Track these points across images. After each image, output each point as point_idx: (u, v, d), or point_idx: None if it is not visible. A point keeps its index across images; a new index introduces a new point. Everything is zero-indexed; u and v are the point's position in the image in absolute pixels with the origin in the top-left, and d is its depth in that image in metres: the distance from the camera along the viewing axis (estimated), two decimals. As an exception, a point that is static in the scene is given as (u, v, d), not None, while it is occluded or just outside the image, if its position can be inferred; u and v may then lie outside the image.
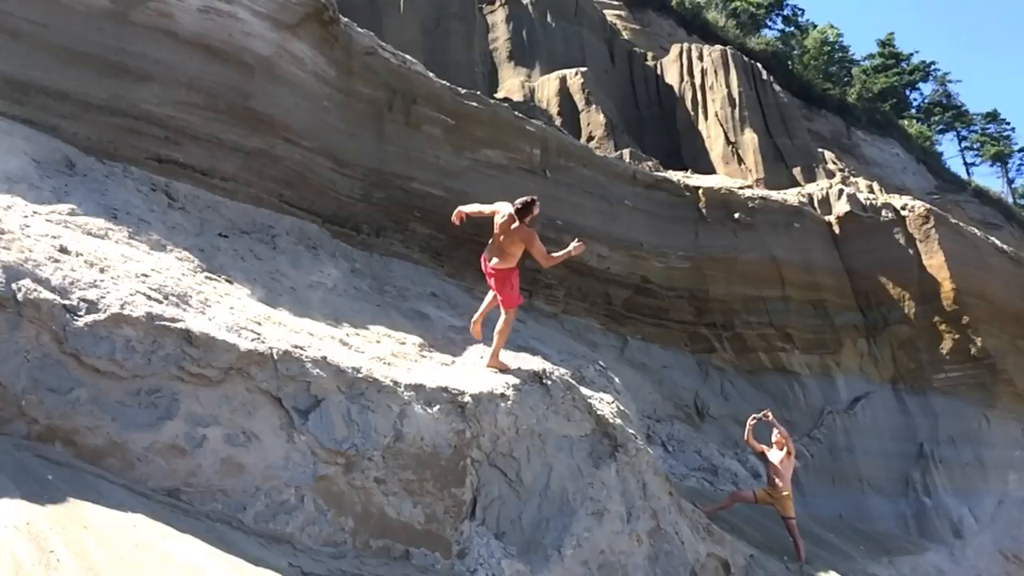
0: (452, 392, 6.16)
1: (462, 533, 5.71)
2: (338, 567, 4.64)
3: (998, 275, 14.95)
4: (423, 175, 10.39)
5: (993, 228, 31.62)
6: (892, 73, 46.81)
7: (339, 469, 5.17)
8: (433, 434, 5.81)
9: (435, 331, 8.01)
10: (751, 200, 14.11)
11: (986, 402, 13.86)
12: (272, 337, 5.46)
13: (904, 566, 11.09)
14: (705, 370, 13.46)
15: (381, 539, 5.23)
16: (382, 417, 5.57)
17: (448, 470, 5.80)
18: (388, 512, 5.34)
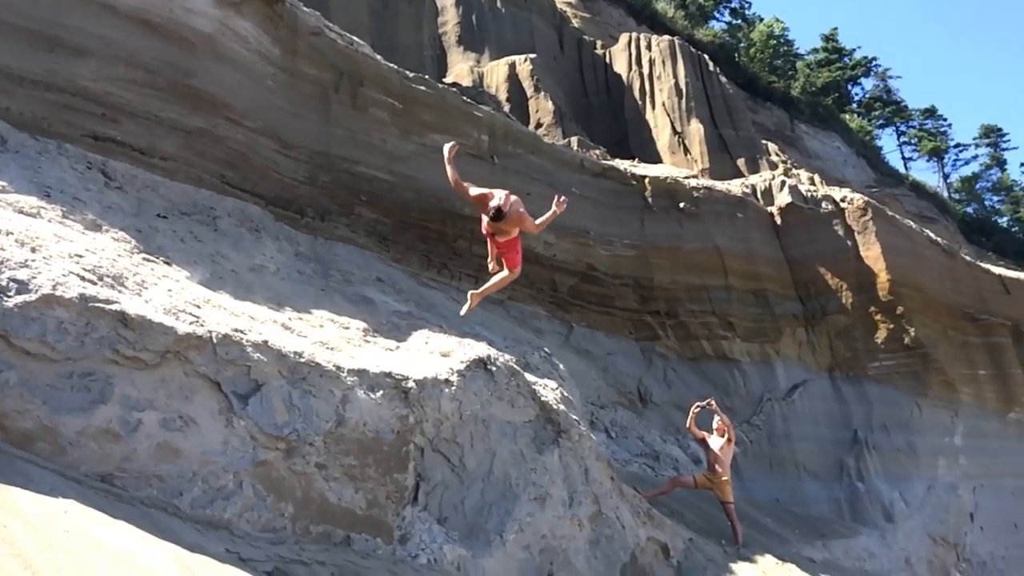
0: (396, 377, 6.13)
1: (404, 518, 5.70)
2: (277, 553, 4.59)
3: (932, 267, 15.37)
4: (369, 159, 10.29)
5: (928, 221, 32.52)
6: (835, 68, 47.73)
7: (279, 454, 5.11)
8: (376, 419, 5.78)
9: (380, 316, 7.95)
10: (696, 190, 14.27)
11: (918, 390, 14.26)
12: (212, 320, 5.36)
13: (837, 549, 11.39)
14: (649, 357, 13.60)
15: (321, 525, 5.19)
16: (324, 402, 5.51)
17: (391, 455, 5.78)
18: (329, 498, 5.30)
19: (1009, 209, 50.97)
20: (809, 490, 13.33)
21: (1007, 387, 15.76)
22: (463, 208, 11.14)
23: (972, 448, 14.71)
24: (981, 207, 51.24)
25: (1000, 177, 53.35)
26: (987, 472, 14.83)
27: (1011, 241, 44.59)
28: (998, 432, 15.48)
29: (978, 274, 16.79)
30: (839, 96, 45.94)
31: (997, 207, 52.01)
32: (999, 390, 15.64)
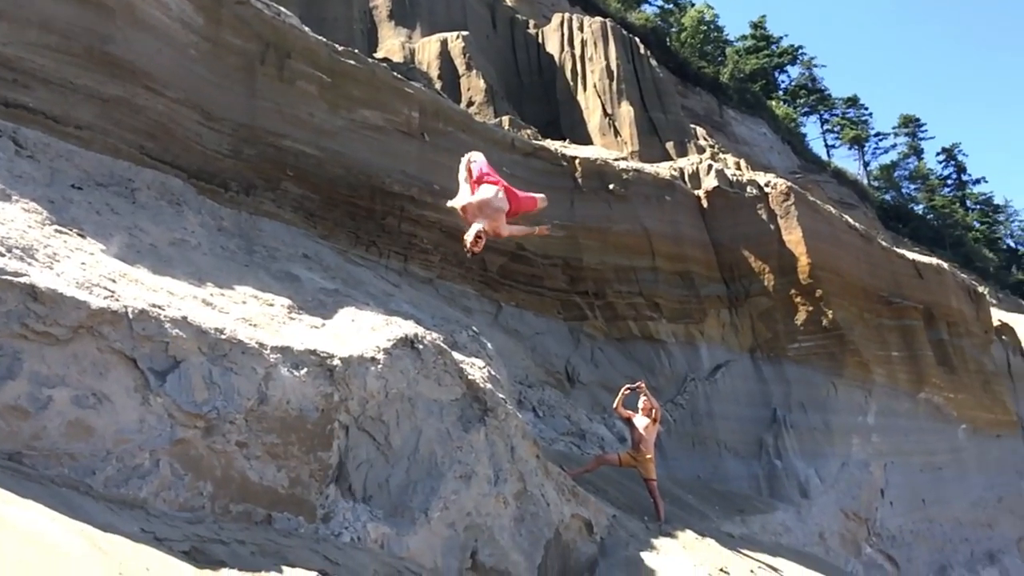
0: (321, 355, 6.05)
1: (327, 497, 5.65)
2: (195, 532, 4.50)
3: (849, 251, 15.85)
4: (296, 133, 10.09)
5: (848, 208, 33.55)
6: (763, 55, 48.69)
7: (198, 432, 5.01)
8: (300, 397, 5.70)
9: (305, 293, 7.82)
10: (625, 172, 14.41)
11: (834, 371, 14.72)
12: (128, 295, 5.20)
13: (755, 524, 11.73)
14: (577, 337, 13.73)
15: (242, 504, 5.10)
16: (246, 379, 5.41)
17: (314, 434, 5.71)
18: (250, 476, 5.21)
19: (925, 197, 52.96)
20: (729, 467, 13.67)
21: (918, 368, 16.40)
22: (392, 185, 11.05)
23: (884, 427, 15.27)
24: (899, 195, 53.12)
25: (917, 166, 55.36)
26: (898, 450, 15.42)
27: (926, 228, 46.37)
28: (909, 411, 16.10)
29: (893, 259, 17.38)
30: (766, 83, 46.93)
31: (914, 195, 53.99)
32: (910, 371, 16.26)
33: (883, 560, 14.24)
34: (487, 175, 6.46)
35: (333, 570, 4.90)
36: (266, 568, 4.50)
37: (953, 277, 19.43)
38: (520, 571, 6.83)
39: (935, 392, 16.66)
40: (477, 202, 6.18)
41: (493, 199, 6.20)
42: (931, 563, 15.21)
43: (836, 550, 13.32)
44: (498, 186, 6.37)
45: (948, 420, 16.94)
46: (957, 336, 18.08)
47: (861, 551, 13.96)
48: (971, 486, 16.98)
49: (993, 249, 52.59)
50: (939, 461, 16.43)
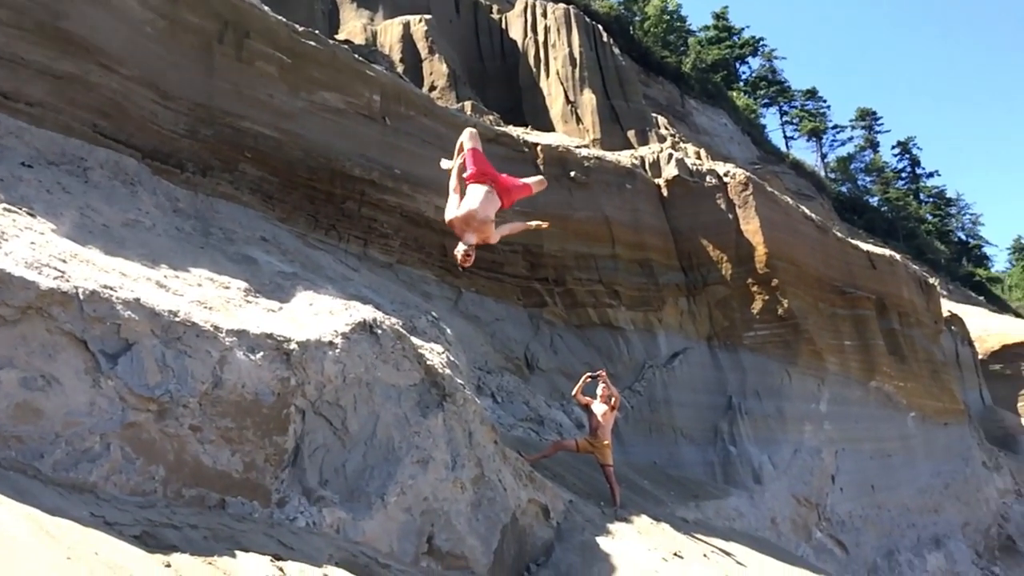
0: (277, 339, 6.00)
1: (283, 482, 5.61)
2: (146, 516, 4.44)
3: (805, 241, 16.09)
4: (255, 114, 9.95)
5: (806, 199, 34.03)
6: (724, 46, 49.02)
7: (150, 416, 4.94)
8: (255, 381, 5.64)
9: (263, 276, 7.74)
10: (587, 159, 14.45)
11: (789, 359, 14.95)
12: (78, 276, 5.10)
13: (709, 509, 11.89)
14: (536, 324, 13.77)
15: (195, 488, 5.05)
16: (200, 363, 5.35)
17: (270, 418, 5.66)
18: (203, 460, 5.16)
19: (880, 189, 53.84)
20: (685, 453, 13.84)
21: (870, 357, 16.72)
22: (352, 169, 10.95)
23: (836, 414, 15.57)
24: (855, 187, 53.94)
25: (873, 158, 56.25)
26: (849, 437, 15.73)
27: (880, 220, 47.18)
28: (860, 399, 16.43)
29: (847, 250, 17.68)
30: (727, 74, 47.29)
31: (869, 187, 54.84)
32: (862, 360, 16.58)
33: (832, 544, 14.54)
34: (475, 172, 6.11)
35: (287, 555, 4.87)
36: (219, 553, 4.46)
37: (905, 268, 19.84)
38: (476, 555, 6.86)
39: (886, 381, 17.01)
40: (463, 216, 5.93)
41: (479, 211, 5.92)
42: (879, 547, 15.57)
43: (787, 535, 13.56)
44: (487, 184, 6.07)
45: (898, 408, 17.32)
46: (908, 326, 18.48)
47: (811, 535, 14.23)
48: (919, 473, 17.39)
49: (944, 241, 53.70)
50: (888, 448, 16.80)
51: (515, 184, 6.41)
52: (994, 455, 21.54)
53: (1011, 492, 20.96)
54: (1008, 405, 26.70)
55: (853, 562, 14.63)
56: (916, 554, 16.20)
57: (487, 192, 6.01)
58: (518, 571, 7.52)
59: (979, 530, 18.60)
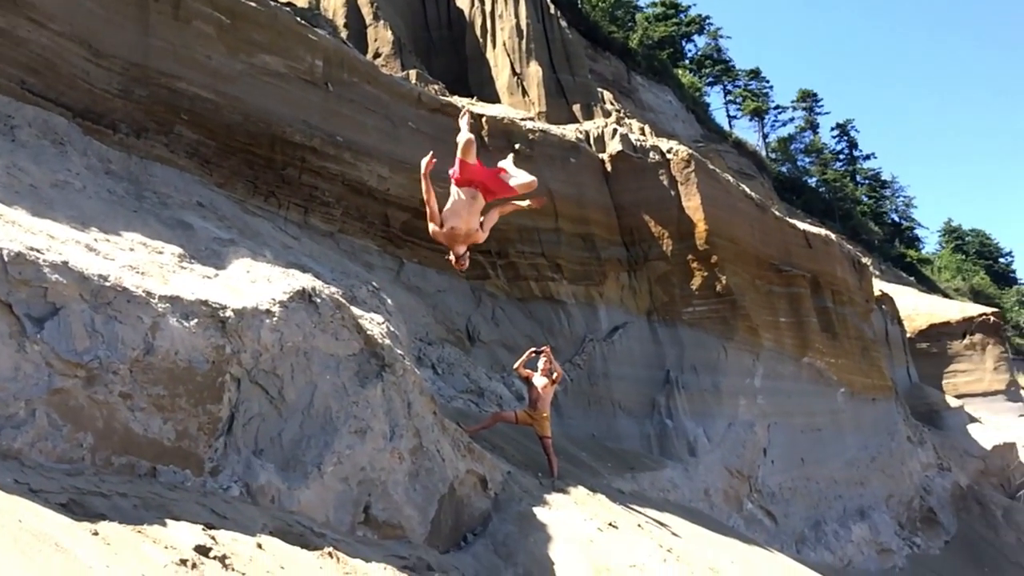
0: (212, 306, 5.89)
1: (216, 450, 5.54)
2: (73, 484, 4.34)
3: (745, 219, 16.34)
4: (192, 75, 9.67)
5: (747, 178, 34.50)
6: (671, 23, 49.19)
7: (79, 382, 4.81)
8: (189, 348, 5.54)
9: (198, 242, 7.57)
10: (532, 132, 14.41)
11: (726, 335, 15.22)
12: (3, 237, 4.92)
13: (644, 481, 12.10)
14: (478, 296, 13.77)
15: (125, 456, 4.95)
16: (131, 329, 5.22)
17: (204, 386, 5.57)
18: (134, 428, 5.05)
19: (818, 170, 54.90)
20: (623, 426, 14.04)
21: (803, 334, 17.13)
22: (293, 135, 10.75)
23: (769, 389, 15.93)
24: (794, 167, 54.90)
25: (812, 140, 57.28)
26: (781, 411, 16.13)
27: (818, 200, 48.19)
28: (793, 375, 16.84)
29: (784, 228, 18.02)
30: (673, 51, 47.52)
31: (808, 168, 55.87)
32: (796, 336, 16.97)
33: (763, 515, 14.94)
34: (459, 178, 6.25)
35: (220, 524, 4.81)
36: (149, 521, 4.39)
37: (840, 248, 20.31)
38: (413, 525, 6.88)
39: (818, 357, 17.45)
40: (447, 233, 6.11)
41: (462, 226, 6.08)
42: (807, 518, 16.05)
43: (720, 506, 13.89)
44: (471, 189, 6.18)
45: (829, 384, 17.80)
46: (840, 304, 18.96)
47: (743, 507, 14.60)
48: (847, 446, 17.94)
49: (879, 223, 55.11)
50: (819, 422, 17.28)
51: (501, 187, 6.43)
52: (919, 430, 22.32)
53: (933, 466, 21.77)
54: (933, 382, 27.68)
55: (782, 532, 15.06)
56: (842, 525, 16.75)
57: (469, 201, 6.17)
58: (455, 541, 7.57)
59: (902, 502, 19.30)
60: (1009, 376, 29.13)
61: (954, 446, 23.73)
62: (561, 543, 7.91)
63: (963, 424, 25.34)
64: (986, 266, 59.12)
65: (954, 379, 28.63)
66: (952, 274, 53.41)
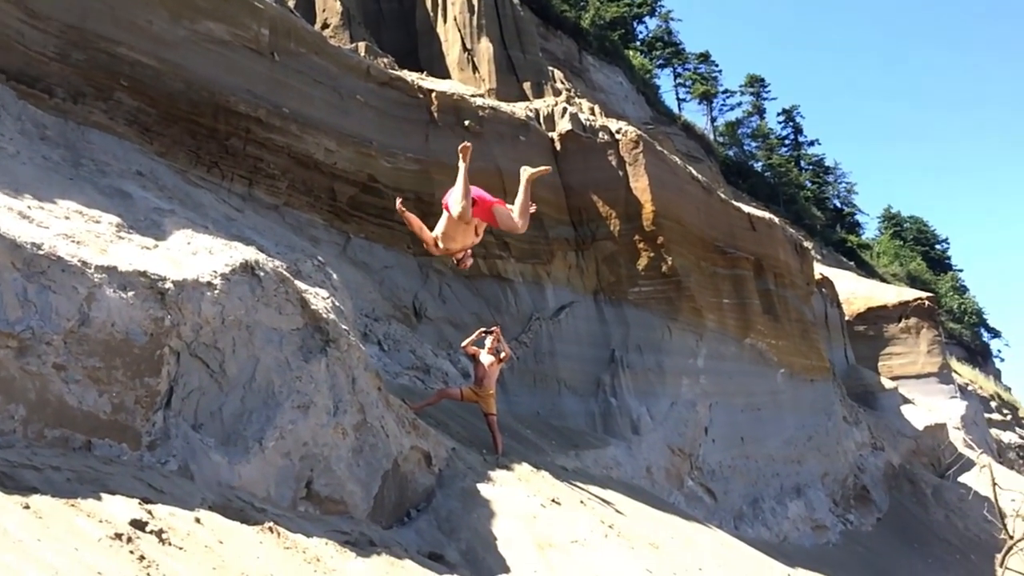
0: (151, 277, 5.75)
1: (155, 424, 5.43)
2: (3, 457, 4.22)
3: (691, 201, 16.52)
4: (132, 40, 9.39)
5: (695, 161, 34.84)
6: (623, 4, 49.22)
7: (10, 352, 4.66)
8: (126, 320, 5.41)
9: (137, 212, 7.37)
10: (482, 109, 14.34)
11: (670, 315, 15.41)
12: (-71, 202, 4.73)
13: (588, 458, 12.23)
14: (425, 273, 13.70)
15: (58, 429, 4.82)
16: (66, 299, 5.08)
17: (142, 359, 5.45)
18: (68, 401, 4.92)
19: (764, 155, 55.70)
20: (568, 404, 14.15)
21: (746, 315, 17.43)
22: (237, 105, 10.53)
23: (712, 369, 16.20)
24: (741, 151, 55.62)
25: (759, 125, 58.04)
26: (722, 391, 16.42)
27: (763, 185, 48.92)
28: (735, 355, 17.14)
29: (730, 211, 18.27)
30: (625, 32, 47.62)
31: (755, 152, 56.65)
32: (739, 318, 17.26)
33: (703, 492, 15.24)
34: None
35: (158, 498, 4.73)
36: (83, 495, 4.29)
37: (783, 231, 20.67)
38: (356, 501, 6.85)
39: (759, 338, 17.78)
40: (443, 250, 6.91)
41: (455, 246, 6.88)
42: (745, 495, 16.41)
43: (661, 483, 14.11)
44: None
45: (769, 364, 18.16)
46: (782, 287, 19.32)
47: (684, 484, 14.86)
48: (785, 426, 18.35)
49: (821, 208, 56.21)
50: (758, 402, 17.64)
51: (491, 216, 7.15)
52: (854, 411, 22.93)
53: (867, 445, 22.40)
54: (870, 364, 28.43)
55: (721, 509, 15.38)
56: (779, 502, 17.16)
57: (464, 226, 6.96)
58: (398, 516, 7.57)
59: (837, 480, 19.83)
60: (942, 359, 30.04)
61: (888, 426, 24.44)
62: (504, 519, 7.96)
63: (897, 405, 26.10)
64: (923, 252, 60.77)
65: (889, 361, 29.42)
66: (890, 260, 54.81)
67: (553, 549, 7.73)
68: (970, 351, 49.72)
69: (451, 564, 6.91)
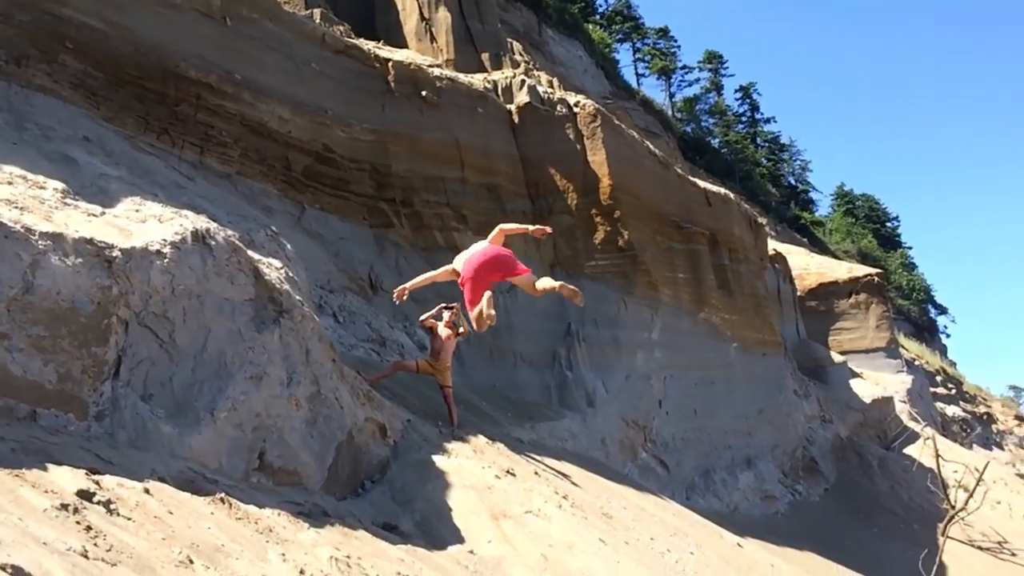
0: (98, 245, 5.63)
1: (102, 394, 5.33)
2: (-58, 427, 4.12)
3: (648, 176, 16.57)
4: (78, 2, 9.10)
5: (653, 136, 34.98)
6: (583, -24, 48.92)
7: (-51, 321, 4.54)
8: (72, 288, 5.29)
9: (84, 178, 7.19)
10: (439, 79, 14.19)
11: (626, 289, 15.49)
12: None
13: (543, 430, 12.31)
14: (382, 244, 13.59)
15: (1, 399, 4.71)
16: (9, 266, 4.94)
17: (89, 328, 5.34)
18: (12, 370, 4.81)
19: (721, 131, 56.11)
20: (524, 377, 14.19)
21: (700, 290, 17.60)
22: (188, 70, 10.29)
23: (666, 342, 16.35)
24: (698, 127, 55.96)
25: (716, 101, 58.38)
26: (676, 364, 16.60)
27: (720, 161, 49.34)
28: (689, 329, 17.31)
29: (686, 186, 18.37)
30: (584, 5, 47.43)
31: (712, 129, 57.04)
32: (693, 292, 17.42)
33: (656, 464, 15.44)
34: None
35: (106, 469, 4.65)
36: (28, 466, 4.21)
37: (738, 207, 20.86)
38: (310, 472, 6.83)
39: (713, 312, 17.99)
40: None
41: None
42: (697, 467, 16.68)
43: (615, 455, 14.27)
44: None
45: (723, 338, 18.39)
46: (737, 262, 19.53)
47: (637, 456, 15.05)
48: (737, 399, 18.64)
49: (776, 185, 56.87)
50: (712, 376, 17.87)
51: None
52: (804, 384, 23.38)
53: (817, 418, 22.87)
54: (820, 339, 28.97)
55: (673, 480, 15.61)
56: (730, 473, 17.47)
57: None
58: (352, 488, 7.56)
59: (786, 452, 20.24)
60: (890, 334, 30.73)
61: (836, 399, 24.96)
62: (459, 490, 7.99)
63: (846, 379, 26.65)
64: (874, 230, 61.91)
65: (839, 336, 30.00)
66: (842, 237, 55.77)
67: (507, 519, 7.79)
68: (917, 327, 50.95)
69: (405, 534, 6.93)
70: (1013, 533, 21.46)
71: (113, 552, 3.62)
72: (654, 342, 16.16)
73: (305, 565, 4.80)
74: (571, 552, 7.70)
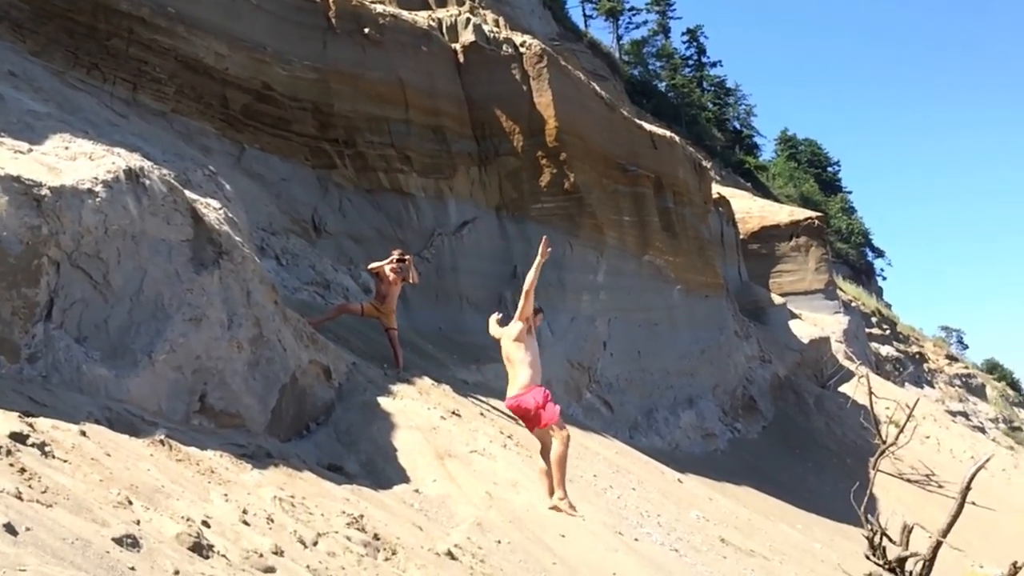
0: (26, 183, 5.42)
1: (34, 336, 5.19)
2: None
3: (594, 118, 16.53)
4: (-2, -73, 8.65)
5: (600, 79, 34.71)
6: (530, -86, 47.79)
7: None
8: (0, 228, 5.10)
9: (9, 114, 6.89)
10: (382, 17, 13.86)
11: (572, 231, 15.55)
12: None
13: (489, 372, 12.38)
14: (325, 186, 13.38)
15: (-74, 341, 4.57)
16: (-71, 204, 4.74)
17: (18, 268, 5.17)
18: (-64, 312, 4.66)
19: (668, 75, 55.97)
20: (469, 320, 14.21)
21: (645, 233, 17.75)
22: (119, 3, 9.89)
23: (611, 285, 16.52)
24: (646, 71, 55.71)
25: (663, 44, 58.11)
26: (620, 307, 16.80)
27: (667, 105, 49.33)
28: (634, 272, 17.50)
29: (632, 129, 18.39)
30: (532, -56, 46.42)
31: (659, 72, 56.84)
32: (638, 235, 17.57)
33: (600, 404, 15.72)
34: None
35: (39, 411, 4.56)
36: (-44, 409, 4.10)
37: (683, 151, 20.97)
38: (253, 414, 6.79)
39: (657, 255, 18.18)
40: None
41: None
42: (640, 407, 17.02)
43: (560, 395, 14.45)
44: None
45: (666, 281, 18.63)
46: (681, 205, 19.70)
47: (582, 396, 15.29)
48: (680, 340, 18.98)
49: (722, 129, 57.14)
50: (655, 317, 18.14)
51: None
52: (745, 325, 23.87)
53: (756, 358, 23.42)
54: (761, 281, 29.50)
55: (617, 420, 15.92)
56: (672, 412, 17.88)
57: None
58: (297, 430, 7.55)
59: (727, 391, 20.74)
60: (828, 276, 31.43)
61: (776, 340, 25.56)
62: (404, 431, 8.04)
63: (785, 320, 27.27)
64: (815, 174, 62.75)
65: (780, 278, 30.57)
66: (785, 181, 56.45)
67: (452, 459, 7.88)
68: (855, 269, 52.18)
69: (350, 475, 6.96)
70: (940, 466, 22.47)
71: (49, 494, 3.57)
72: (599, 284, 16.30)
73: (248, 505, 4.80)
74: (515, 490, 7.84)
